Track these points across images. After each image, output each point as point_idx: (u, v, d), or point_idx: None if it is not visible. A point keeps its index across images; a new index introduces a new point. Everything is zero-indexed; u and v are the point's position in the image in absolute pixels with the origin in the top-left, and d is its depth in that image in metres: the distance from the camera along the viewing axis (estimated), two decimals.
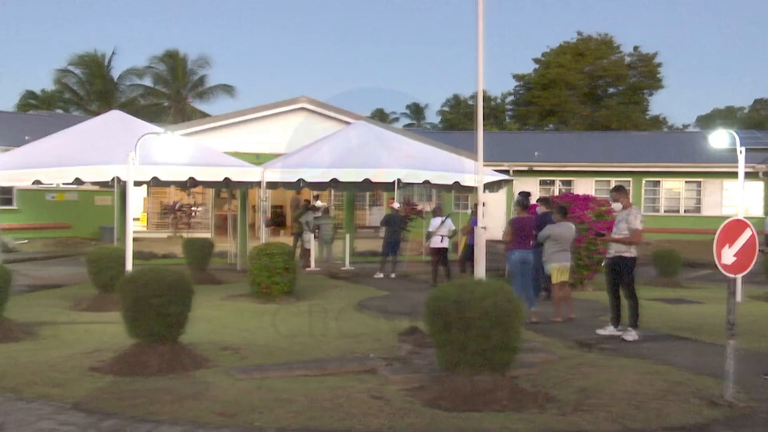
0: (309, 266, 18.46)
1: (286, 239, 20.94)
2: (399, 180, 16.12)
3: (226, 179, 15.85)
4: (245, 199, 21.03)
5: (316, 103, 22.97)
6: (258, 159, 19.02)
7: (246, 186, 17.96)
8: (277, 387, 6.54)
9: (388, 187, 17.34)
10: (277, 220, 28.13)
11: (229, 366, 7.38)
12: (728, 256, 6.10)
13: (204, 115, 38.57)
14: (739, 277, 13.18)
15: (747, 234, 6.09)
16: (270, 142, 21.47)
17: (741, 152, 13.71)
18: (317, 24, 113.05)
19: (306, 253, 19.16)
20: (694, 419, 5.79)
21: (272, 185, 17.22)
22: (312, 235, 18.69)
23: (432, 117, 70.39)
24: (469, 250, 13.95)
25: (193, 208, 26.96)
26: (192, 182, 16.23)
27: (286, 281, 12.46)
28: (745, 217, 7.97)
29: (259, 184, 16.18)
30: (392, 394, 6.35)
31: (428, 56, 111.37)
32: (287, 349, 8.36)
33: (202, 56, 46.77)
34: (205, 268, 15.60)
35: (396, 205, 17.95)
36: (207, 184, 18.59)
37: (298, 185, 17.35)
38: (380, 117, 60.03)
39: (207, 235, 23.15)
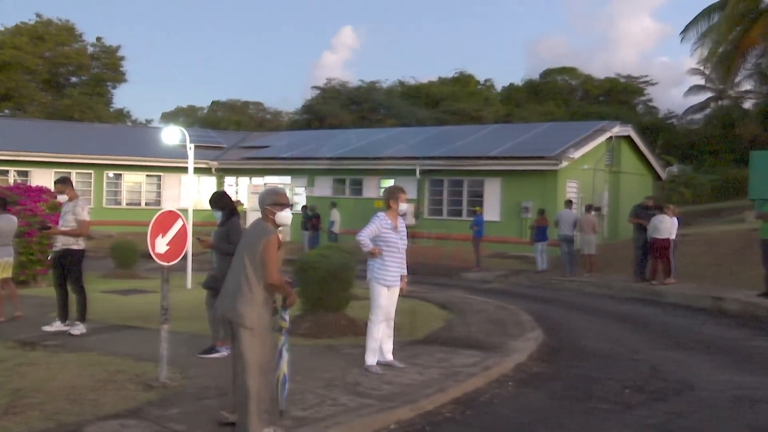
0: None
1: None
2: None
3: None
4: None
5: None
6: None
7: None
8: None
9: None
10: None
11: None
12: (162, 245, 6.44)
13: None
14: (188, 265, 14.11)
15: (179, 224, 6.52)
16: None
17: (190, 148, 14.66)
18: None
19: None
20: (128, 404, 5.99)
21: None
22: None
23: None
24: None
25: None
26: None
27: None
28: (198, 210, 8.55)
29: None
30: None
31: None
32: None
33: None
34: None
35: None
36: None
37: None
38: None
39: None
